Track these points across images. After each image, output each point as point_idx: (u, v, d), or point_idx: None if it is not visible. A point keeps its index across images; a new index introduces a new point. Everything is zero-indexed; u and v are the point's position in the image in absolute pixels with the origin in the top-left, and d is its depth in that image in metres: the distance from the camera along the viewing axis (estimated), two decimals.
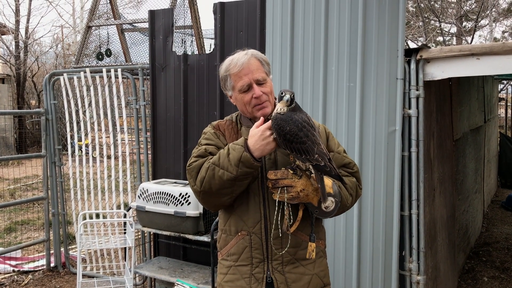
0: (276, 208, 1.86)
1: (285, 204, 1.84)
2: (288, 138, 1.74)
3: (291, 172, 1.79)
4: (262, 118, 1.85)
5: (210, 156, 1.92)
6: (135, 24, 6.44)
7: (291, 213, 1.87)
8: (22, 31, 17.27)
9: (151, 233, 4.39)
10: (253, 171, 1.83)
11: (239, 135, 2.00)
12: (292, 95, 1.77)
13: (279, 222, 1.88)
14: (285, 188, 1.78)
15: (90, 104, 4.84)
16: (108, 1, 6.46)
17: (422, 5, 14.87)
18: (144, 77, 4.54)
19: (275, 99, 1.96)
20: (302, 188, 1.78)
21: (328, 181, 1.83)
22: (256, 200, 1.92)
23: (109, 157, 4.95)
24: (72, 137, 5.04)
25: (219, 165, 1.84)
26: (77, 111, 4.96)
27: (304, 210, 1.90)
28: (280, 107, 1.79)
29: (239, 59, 1.93)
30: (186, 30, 5.93)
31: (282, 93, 1.78)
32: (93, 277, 4.67)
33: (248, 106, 1.95)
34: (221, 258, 2.03)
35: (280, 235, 1.90)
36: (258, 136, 1.80)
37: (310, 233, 1.91)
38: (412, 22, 15.25)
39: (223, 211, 2.03)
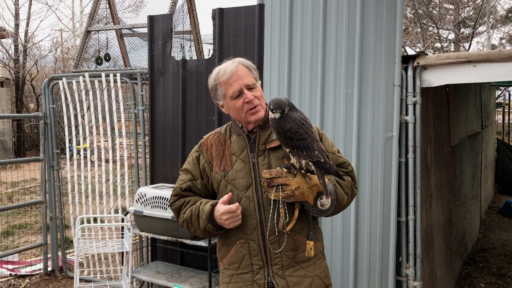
0: (272, 207, 1.89)
1: (281, 202, 1.87)
2: (289, 135, 1.78)
3: (286, 170, 1.82)
4: (230, 194, 1.94)
5: (187, 199, 2.07)
6: (134, 29, 6.47)
7: (287, 212, 1.89)
8: (21, 34, 17.34)
9: (149, 237, 4.39)
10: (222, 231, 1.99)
11: (226, 146, 2.05)
12: (281, 112, 1.81)
13: (275, 221, 1.90)
14: (280, 186, 1.80)
15: (88, 108, 4.85)
16: (108, 6, 6.49)
17: (420, 11, 14.94)
18: (143, 81, 4.56)
19: (267, 104, 1.98)
20: (297, 186, 1.80)
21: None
22: (252, 207, 1.94)
23: (107, 161, 4.96)
24: (70, 141, 5.05)
25: (191, 223, 2.02)
26: (75, 115, 4.97)
27: (301, 211, 1.91)
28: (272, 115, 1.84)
29: (227, 67, 1.98)
30: (185, 35, 5.95)
31: (272, 109, 1.81)
32: (90, 281, 4.66)
33: (241, 112, 1.97)
34: (223, 268, 2.05)
35: (277, 233, 1.91)
36: (218, 215, 1.92)
37: (307, 232, 1.93)
38: (410, 29, 15.33)
39: None
